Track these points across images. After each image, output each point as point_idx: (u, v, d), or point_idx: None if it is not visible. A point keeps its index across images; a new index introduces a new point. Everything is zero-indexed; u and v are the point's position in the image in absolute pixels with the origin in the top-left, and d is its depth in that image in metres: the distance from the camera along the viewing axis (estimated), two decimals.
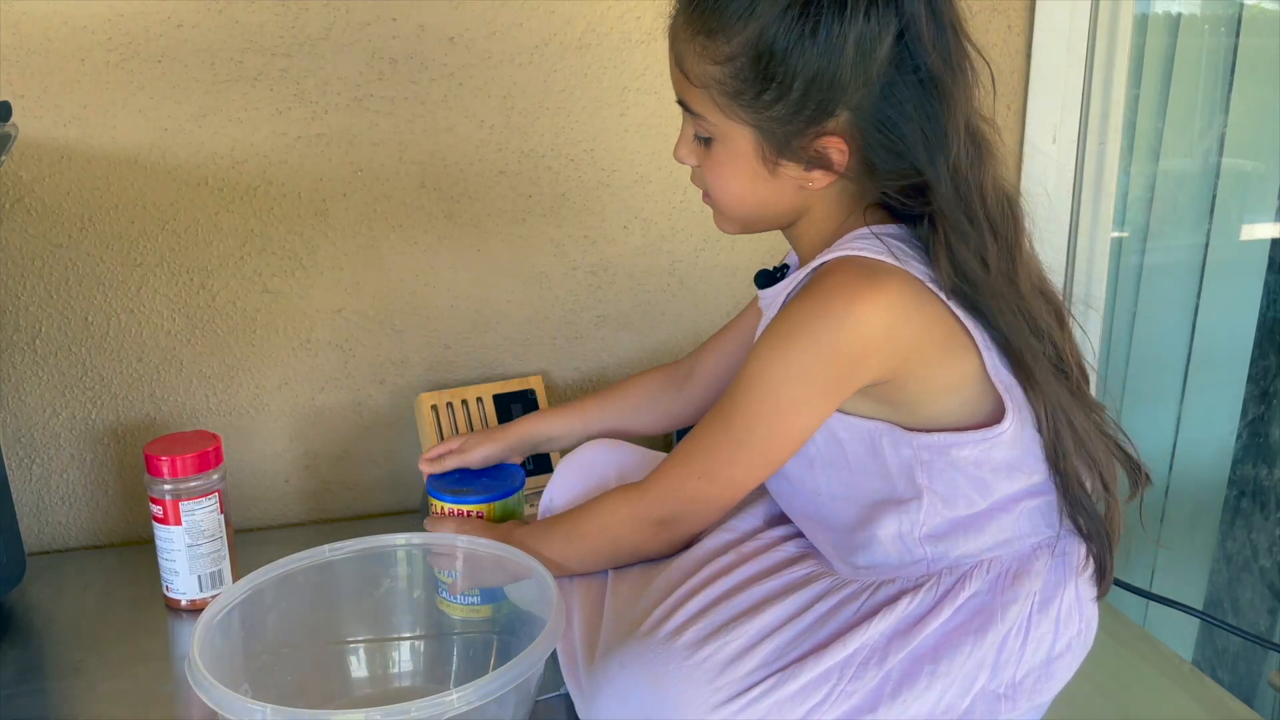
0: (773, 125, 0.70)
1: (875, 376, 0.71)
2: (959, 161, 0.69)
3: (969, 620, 0.71)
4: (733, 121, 0.71)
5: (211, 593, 0.99)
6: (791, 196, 0.75)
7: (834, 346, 0.69)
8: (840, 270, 0.71)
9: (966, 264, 0.69)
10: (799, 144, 0.71)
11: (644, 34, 1.19)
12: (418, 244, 1.19)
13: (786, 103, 0.69)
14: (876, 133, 0.70)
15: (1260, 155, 1.60)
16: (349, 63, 1.11)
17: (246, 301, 1.16)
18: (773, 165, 0.72)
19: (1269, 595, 1.71)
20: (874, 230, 0.72)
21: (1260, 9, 1.54)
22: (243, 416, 1.19)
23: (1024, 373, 0.71)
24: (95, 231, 1.10)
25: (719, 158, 0.74)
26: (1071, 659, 0.75)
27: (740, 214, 0.78)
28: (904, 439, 0.72)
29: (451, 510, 0.91)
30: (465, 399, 1.19)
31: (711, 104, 0.71)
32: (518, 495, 0.93)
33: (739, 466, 0.75)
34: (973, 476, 0.72)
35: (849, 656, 0.69)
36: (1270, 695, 1.60)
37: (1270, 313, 1.66)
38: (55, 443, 1.14)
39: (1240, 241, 1.64)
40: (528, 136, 1.19)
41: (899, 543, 0.74)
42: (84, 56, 1.05)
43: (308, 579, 0.81)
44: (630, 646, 0.72)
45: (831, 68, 0.67)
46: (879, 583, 0.74)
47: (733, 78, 0.69)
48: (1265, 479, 1.71)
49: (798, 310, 0.72)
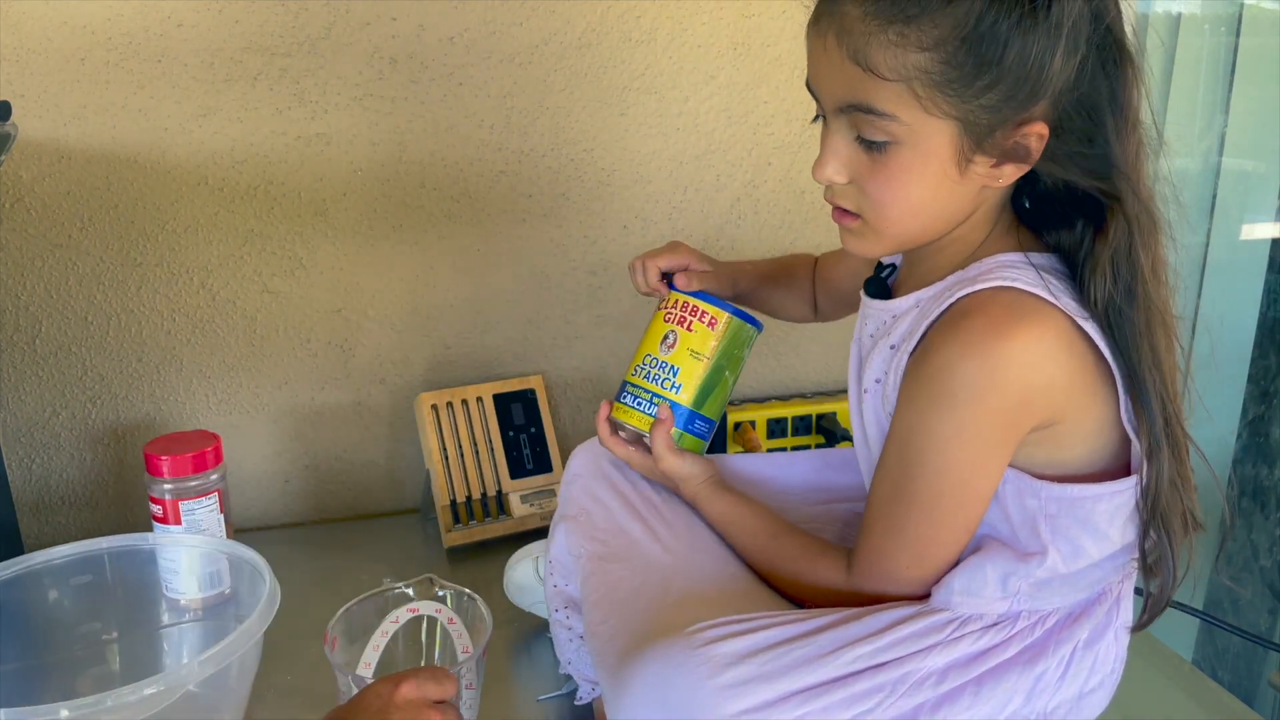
0: (980, 115, 0.64)
1: (1039, 421, 0.67)
2: (1133, 150, 0.65)
3: (1022, 653, 0.70)
4: (932, 117, 0.64)
5: (211, 592, 0.99)
6: (971, 200, 0.69)
7: (1001, 401, 0.65)
8: (990, 307, 0.66)
9: (1132, 277, 0.65)
10: (1001, 135, 0.65)
11: (644, 34, 1.19)
12: (418, 244, 1.19)
13: (1001, 88, 0.62)
14: (1076, 117, 0.64)
15: (1260, 155, 1.60)
16: (349, 63, 1.11)
17: (246, 301, 1.16)
18: (965, 163, 0.66)
19: (1269, 595, 1.70)
20: (1030, 259, 0.67)
21: (1260, 9, 1.54)
22: (243, 416, 1.19)
23: (1139, 409, 0.67)
24: (95, 231, 1.10)
25: (901, 163, 0.66)
26: (1104, 694, 0.75)
27: (909, 229, 0.70)
28: (1030, 488, 0.68)
29: (688, 304, 0.84)
30: (465, 399, 1.19)
31: (910, 99, 0.63)
32: (752, 330, 0.86)
33: (941, 544, 0.70)
34: (1097, 531, 0.69)
35: (905, 674, 0.67)
36: (1270, 695, 1.60)
37: (1270, 312, 1.66)
38: (55, 442, 1.14)
39: (1240, 241, 1.63)
40: (528, 136, 1.19)
41: (1001, 585, 0.70)
42: (84, 56, 1.05)
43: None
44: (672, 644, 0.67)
45: (1051, 49, 0.62)
46: (964, 618, 0.70)
47: (943, 64, 0.62)
48: (1265, 479, 1.71)
49: (950, 361, 0.66)
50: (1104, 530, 0.69)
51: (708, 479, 0.83)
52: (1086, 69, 0.64)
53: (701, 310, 0.84)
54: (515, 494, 1.18)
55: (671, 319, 0.85)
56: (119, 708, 0.66)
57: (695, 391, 0.84)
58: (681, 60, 1.21)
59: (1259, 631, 1.70)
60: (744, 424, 1.30)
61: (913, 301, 0.72)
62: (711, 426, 0.86)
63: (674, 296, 0.86)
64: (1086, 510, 0.68)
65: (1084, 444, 0.68)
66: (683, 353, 0.84)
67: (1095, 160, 0.66)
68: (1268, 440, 1.71)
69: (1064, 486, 0.68)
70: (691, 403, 0.84)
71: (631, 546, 0.80)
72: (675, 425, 0.83)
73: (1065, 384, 0.66)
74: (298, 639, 0.96)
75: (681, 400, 0.84)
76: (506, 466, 1.19)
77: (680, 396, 0.84)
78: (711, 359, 0.84)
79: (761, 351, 1.35)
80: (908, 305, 0.73)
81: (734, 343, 0.85)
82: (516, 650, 0.97)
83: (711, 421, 0.86)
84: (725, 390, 0.86)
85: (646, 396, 0.84)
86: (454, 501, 1.16)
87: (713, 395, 0.85)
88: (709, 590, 0.76)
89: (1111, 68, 0.65)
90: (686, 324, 0.84)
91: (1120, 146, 0.65)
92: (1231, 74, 1.54)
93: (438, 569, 1.11)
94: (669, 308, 0.86)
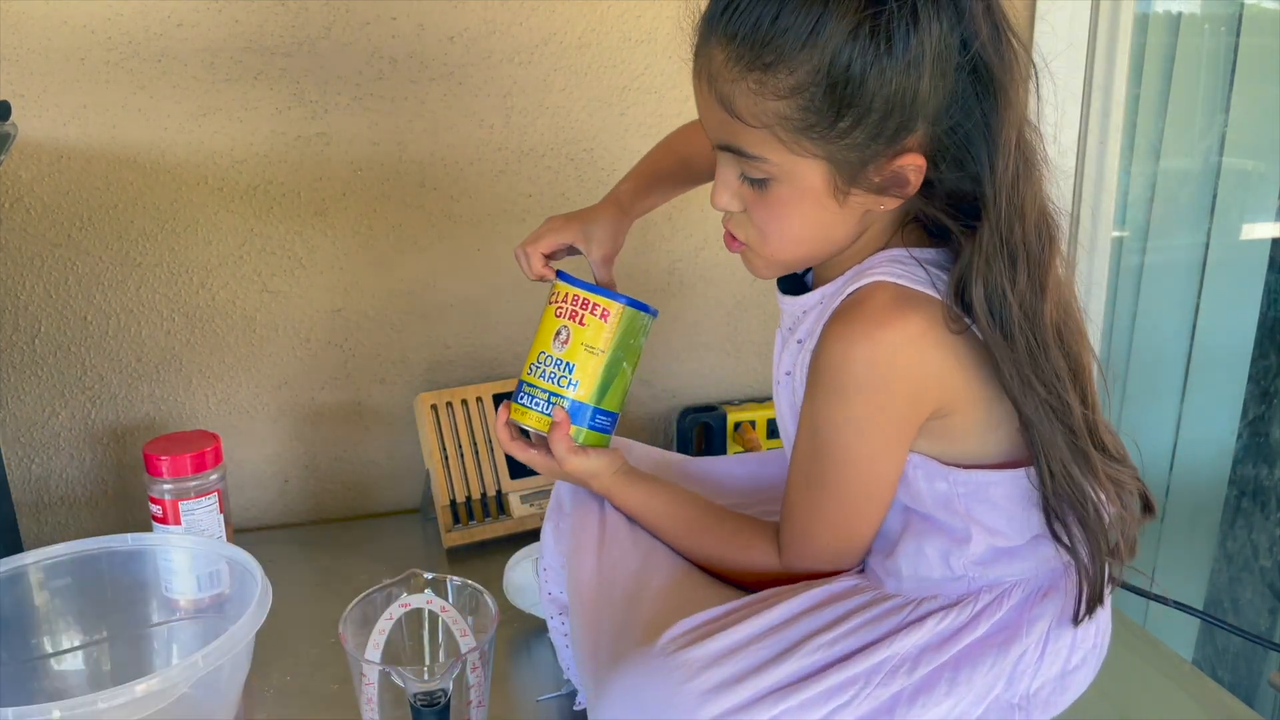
0: (848, 153, 0.65)
1: (933, 409, 0.69)
2: (1008, 174, 0.65)
3: (995, 634, 0.71)
4: (800, 157, 0.65)
5: (210, 593, 0.99)
6: (855, 225, 0.70)
7: (893, 390, 0.67)
8: (873, 300, 0.67)
9: (993, 292, 0.65)
10: (875, 168, 0.66)
11: (644, 34, 1.19)
12: (418, 244, 1.19)
13: (865, 127, 0.63)
14: (948, 141, 0.65)
15: (1260, 155, 1.60)
16: (349, 62, 1.11)
17: (246, 301, 1.16)
18: (843, 196, 0.67)
19: (1269, 595, 1.70)
20: (913, 254, 0.69)
21: (1260, 9, 1.54)
22: (243, 416, 1.19)
23: (1021, 416, 0.68)
24: (94, 231, 1.10)
25: (779, 198, 0.68)
26: (1087, 671, 0.75)
27: (795, 255, 0.73)
28: (939, 472, 0.71)
29: (578, 297, 0.82)
30: (465, 399, 1.19)
31: (775, 143, 0.65)
32: (647, 318, 0.84)
33: (857, 523, 0.74)
34: (1009, 513, 0.71)
35: (879, 663, 0.68)
36: (1270, 695, 1.60)
37: (1270, 312, 1.66)
38: (55, 443, 1.14)
39: (1240, 241, 1.63)
40: (528, 136, 1.19)
41: (944, 564, 0.73)
42: (84, 56, 1.05)
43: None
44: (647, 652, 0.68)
45: (913, 83, 0.62)
46: (921, 599, 0.73)
47: (802, 110, 0.63)
48: (1265, 479, 1.71)
49: (840, 354, 0.68)
50: (1014, 513, 0.71)
51: (615, 471, 0.82)
52: (957, 97, 0.64)
53: (593, 303, 0.81)
54: (515, 494, 1.18)
55: (563, 314, 0.82)
56: (111, 708, 0.66)
57: (594, 387, 0.81)
58: (681, 60, 1.21)
59: (1259, 631, 1.70)
60: (744, 424, 1.30)
61: (817, 297, 0.74)
62: (614, 419, 0.84)
63: (563, 290, 0.83)
64: (989, 494, 0.70)
65: (981, 435, 0.70)
66: (577, 348, 0.81)
67: (969, 184, 0.66)
68: (1268, 440, 1.71)
69: (968, 472, 0.70)
70: (591, 398, 0.82)
71: (600, 545, 0.81)
72: (576, 423, 0.82)
73: (957, 373, 0.68)
74: (298, 639, 0.97)
75: (580, 397, 0.81)
76: (506, 466, 1.18)
77: (579, 394, 0.81)
78: (607, 352, 0.81)
79: (762, 351, 1.35)
80: (813, 301, 0.75)
81: (629, 333, 0.82)
82: (516, 650, 0.97)
83: (613, 414, 0.84)
84: (624, 381, 0.83)
85: (544, 396, 0.82)
86: (454, 501, 1.16)
87: (612, 388, 0.82)
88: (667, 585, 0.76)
89: (984, 93, 0.64)
90: (579, 318, 0.81)
91: (991, 171, 0.65)
92: (1231, 74, 1.54)
93: (438, 569, 1.11)
94: (559, 302, 0.83)
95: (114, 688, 0.66)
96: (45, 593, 0.85)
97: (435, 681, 0.72)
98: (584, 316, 0.81)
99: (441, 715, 0.72)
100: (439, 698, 0.72)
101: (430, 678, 0.72)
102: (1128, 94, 1.41)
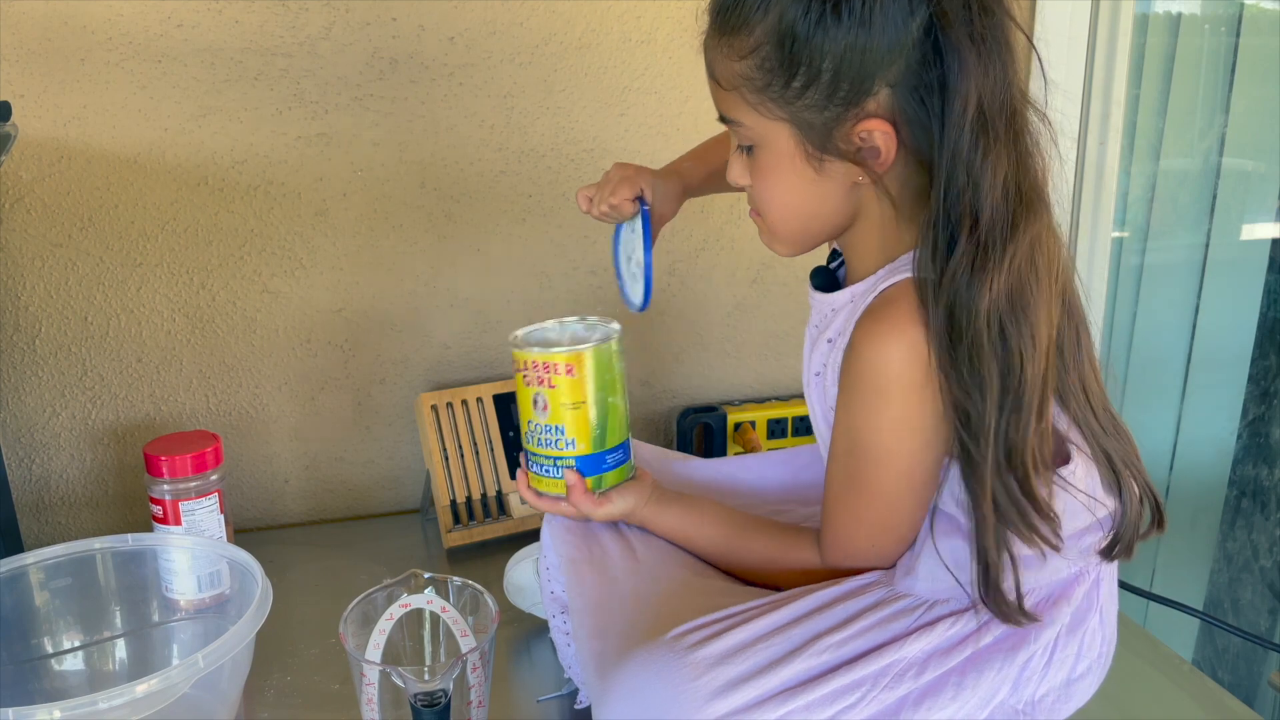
0: (809, 115, 0.66)
1: None
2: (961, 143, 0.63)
3: (1004, 639, 0.71)
4: (767, 119, 0.68)
5: (211, 593, 0.99)
6: (843, 199, 0.70)
7: (925, 387, 0.66)
8: (905, 297, 0.67)
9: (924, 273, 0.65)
10: (840, 134, 0.66)
11: (644, 34, 1.19)
12: (418, 244, 1.19)
13: (818, 87, 0.64)
14: (910, 108, 0.64)
15: (1260, 155, 1.60)
16: (349, 63, 1.11)
17: (246, 301, 1.16)
18: (818, 163, 0.68)
19: (1269, 595, 1.70)
20: None
21: (1260, 9, 1.54)
22: (243, 416, 1.19)
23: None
24: (95, 231, 1.10)
25: (764, 165, 0.71)
26: (1093, 680, 0.75)
27: (791, 228, 0.73)
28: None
29: (538, 363, 0.79)
30: (465, 399, 1.19)
31: (744, 104, 0.68)
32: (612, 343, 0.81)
33: (898, 523, 0.73)
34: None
35: (887, 666, 0.68)
36: (1270, 695, 1.60)
37: (1270, 313, 1.66)
38: (55, 443, 1.14)
39: (1240, 241, 1.64)
40: (528, 136, 1.19)
41: (961, 567, 0.71)
42: (84, 56, 1.05)
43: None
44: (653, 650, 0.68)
45: (860, 42, 0.62)
46: (933, 601, 0.72)
47: (758, 69, 0.66)
48: (1265, 479, 1.71)
49: (875, 355, 0.68)
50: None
51: (646, 502, 0.82)
52: (913, 60, 0.63)
53: (554, 364, 0.78)
54: (515, 494, 1.18)
55: (531, 382, 0.79)
56: (111, 708, 0.66)
57: (591, 438, 0.80)
58: (681, 60, 1.21)
59: (1259, 631, 1.70)
60: (744, 424, 1.30)
61: (848, 296, 0.74)
62: (626, 446, 0.83)
63: (522, 358, 0.80)
64: None
65: None
66: (559, 410, 0.79)
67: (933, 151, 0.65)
68: (1268, 440, 1.71)
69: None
70: (593, 447, 0.80)
71: (604, 553, 0.81)
72: (591, 475, 0.80)
73: None
74: (298, 639, 0.97)
75: (583, 452, 0.80)
76: (506, 467, 1.19)
77: (580, 450, 0.80)
78: (590, 402, 0.79)
79: (762, 351, 1.35)
80: (843, 300, 0.75)
81: (602, 370, 0.79)
82: (517, 650, 0.97)
83: (624, 444, 0.82)
84: (619, 413, 0.81)
85: (549, 462, 0.81)
86: (454, 502, 1.16)
87: (609, 427, 0.81)
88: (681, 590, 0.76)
89: (939, 56, 0.63)
90: (546, 382, 0.79)
91: (941, 140, 0.63)
92: (1231, 74, 1.54)
93: (438, 569, 1.11)
94: (525, 370, 0.80)
95: (114, 688, 0.66)
96: (45, 593, 0.85)
97: (435, 682, 0.72)
98: (551, 379, 0.79)
99: (441, 715, 0.72)
100: (439, 698, 0.72)
101: (430, 678, 0.72)
102: (1127, 94, 1.41)
